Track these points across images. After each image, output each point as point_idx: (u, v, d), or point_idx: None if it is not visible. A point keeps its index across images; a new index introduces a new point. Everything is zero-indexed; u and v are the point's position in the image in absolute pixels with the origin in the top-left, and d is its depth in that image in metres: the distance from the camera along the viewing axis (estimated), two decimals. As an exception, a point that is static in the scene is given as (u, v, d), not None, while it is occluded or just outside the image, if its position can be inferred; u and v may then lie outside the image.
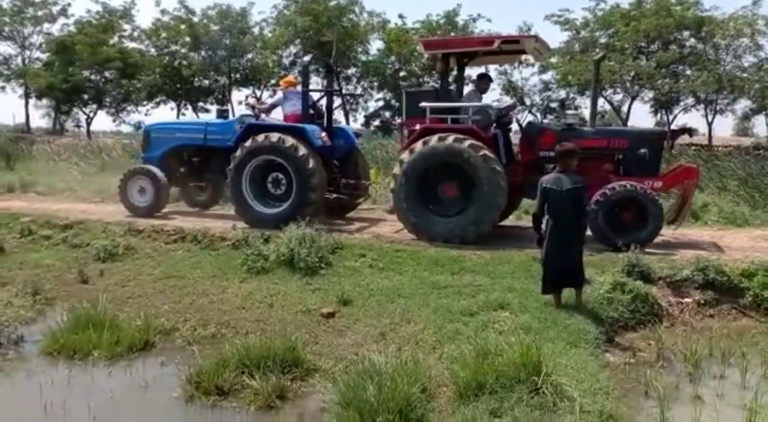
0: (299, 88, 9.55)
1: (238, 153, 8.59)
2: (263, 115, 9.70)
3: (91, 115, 35.46)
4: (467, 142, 7.47)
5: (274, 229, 7.86)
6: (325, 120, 9.60)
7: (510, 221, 9.82)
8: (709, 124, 30.39)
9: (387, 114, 34.42)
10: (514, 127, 8.81)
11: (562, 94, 30.27)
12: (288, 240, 7.20)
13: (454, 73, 8.73)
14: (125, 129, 36.54)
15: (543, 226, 5.75)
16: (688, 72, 27.38)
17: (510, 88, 31.06)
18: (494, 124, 8.35)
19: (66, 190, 13.56)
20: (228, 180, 8.73)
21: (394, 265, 7.00)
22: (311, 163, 8.31)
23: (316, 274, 6.89)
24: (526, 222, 8.88)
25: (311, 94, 9.69)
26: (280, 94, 9.92)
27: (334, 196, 9.19)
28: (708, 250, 7.28)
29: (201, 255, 7.78)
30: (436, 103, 8.01)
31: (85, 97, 33.67)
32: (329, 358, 5.27)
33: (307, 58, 9.62)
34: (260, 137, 8.47)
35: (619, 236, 7.10)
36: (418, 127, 8.03)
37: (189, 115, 34.36)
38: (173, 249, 8.07)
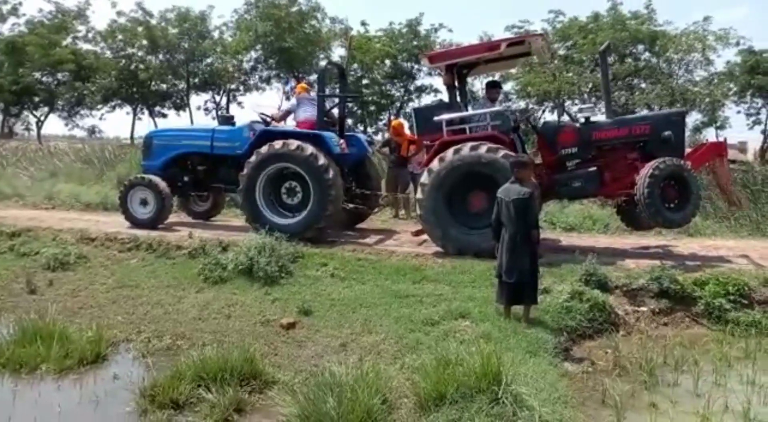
0: (312, 93, 9.26)
1: (253, 159, 8.22)
2: (275, 122, 9.38)
3: (42, 118, 34.41)
4: (488, 148, 7.30)
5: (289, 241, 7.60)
6: (338, 127, 9.29)
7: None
8: (663, 136, 31.39)
9: (350, 121, 34.36)
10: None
11: (522, 104, 30.78)
12: (247, 249, 7.09)
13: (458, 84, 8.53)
14: (78, 133, 35.57)
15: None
16: (643, 85, 28.24)
17: (471, 99, 31.46)
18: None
19: (14, 195, 13.09)
20: (240, 187, 8.36)
21: (355, 274, 6.96)
22: (331, 173, 8.00)
23: (276, 284, 6.80)
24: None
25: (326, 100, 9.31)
26: (293, 101, 9.62)
27: (351, 206, 8.92)
28: (662, 260, 7.46)
29: (156, 265, 7.60)
30: (451, 115, 7.84)
31: (36, 99, 32.65)
32: (288, 370, 5.17)
33: (323, 63, 9.38)
34: (277, 144, 8.12)
35: (672, 212, 7.13)
36: (429, 142, 7.89)
37: (145, 120, 33.70)
38: (127, 258, 7.86)
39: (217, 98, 34.47)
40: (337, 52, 33.31)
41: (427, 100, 32.47)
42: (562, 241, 8.85)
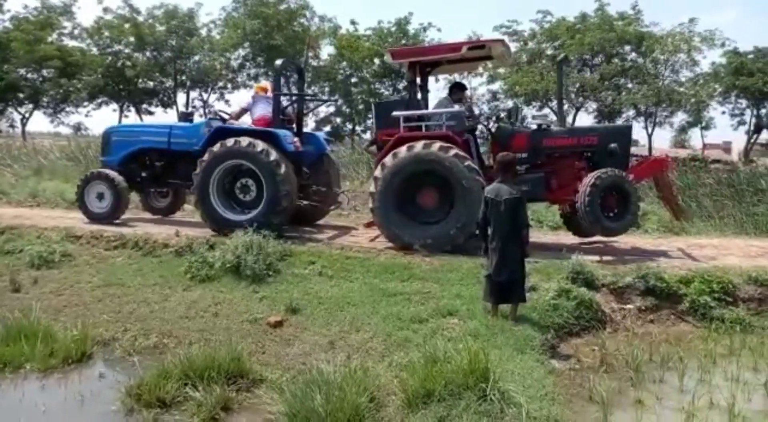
0: (270, 94, 9.30)
1: (206, 157, 8.27)
2: (231, 120, 9.41)
3: (27, 115, 33.99)
4: (441, 146, 7.44)
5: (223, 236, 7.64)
6: (295, 125, 9.36)
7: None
8: (649, 136, 31.67)
9: (338, 120, 34.34)
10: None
11: (510, 103, 30.88)
12: (234, 247, 7.04)
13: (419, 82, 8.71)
14: (64, 130, 35.21)
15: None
16: (630, 85, 28.47)
17: (471, 98, 31.52)
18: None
19: (-2, 193, 12.92)
20: (194, 185, 8.38)
21: (343, 273, 6.94)
22: (283, 169, 8.05)
23: (263, 282, 6.76)
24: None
25: (282, 98, 9.36)
26: (249, 99, 9.69)
27: (305, 203, 8.97)
28: (649, 258, 7.52)
29: (142, 263, 7.53)
30: (410, 111, 7.98)
31: (21, 96, 32.24)
32: (276, 368, 5.15)
33: (279, 62, 9.40)
34: (230, 141, 8.16)
35: (611, 221, 7.36)
36: (386, 137, 7.97)
37: (132, 117, 33.43)
38: (113, 256, 7.79)
39: (205, 96, 34.25)
40: (326, 51, 33.31)
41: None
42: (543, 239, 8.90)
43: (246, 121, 9.57)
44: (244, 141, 8.13)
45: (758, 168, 18.26)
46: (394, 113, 7.98)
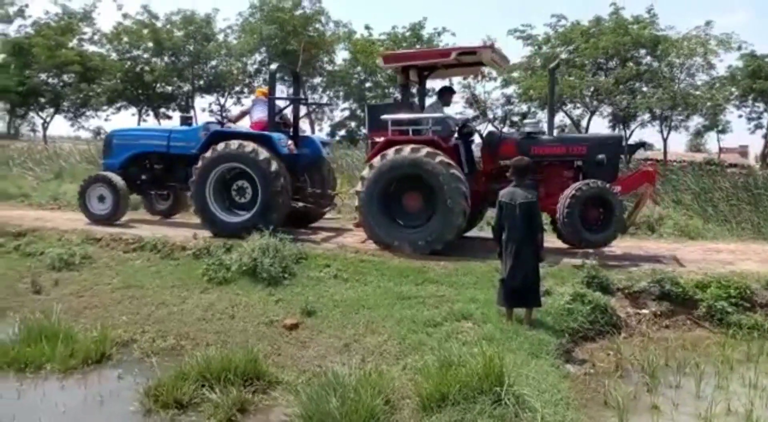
0: None
1: (203, 160, 8.46)
2: (230, 123, 9.62)
3: (48, 119, 34.45)
4: (427, 152, 7.54)
5: (238, 239, 7.74)
6: (292, 128, 9.55)
7: (473, 232, 9.91)
8: (664, 140, 31.35)
9: (353, 124, 34.42)
10: (477, 138, 8.94)
11: (524, 107, 30.75)
12: (251, 250, 7.11)
13: (418, 86, 8.82)
14: (84, 134, 35.63)
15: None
16: (645, 89, 28.19)
17: (473, 102, 31.45)
18: (455, 135, 8.46)
19: (20, 196, 13.15)
20: (191, 187, 8.57)
21: (358, 276, 6.97)
22: (276, 171, 8.21)
23: (279, 285, 6.82)
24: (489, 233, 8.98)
25: (278, 102, 9.62)
26: (249, 103, 9.86)
27: (300, 204, 9.11)
28: (664, 262, 7.47)
29: (161, 265, 7.63)
30: (397, 116, 8.08)
31: (42, 100, 32.70)
32: (292, 370, 5.20)
33: (273, 66, 9.60)
34: (225, 144, 8.35)
35: (591, 234, 7.33)
36: (381, 139, 8.08)
37: (151, 121, 33.76)
38: (132, 259, 7.89)
39: (222, 100, 34.50)
40: (341, 55, 33.45)
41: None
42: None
43: (246, 124, 9.75)
44: (239, 144, 8.29)
45: (776, 172, 18.02)
46: (383, 117, 8.07)
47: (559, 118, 30.07)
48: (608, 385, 4.81)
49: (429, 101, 9.29)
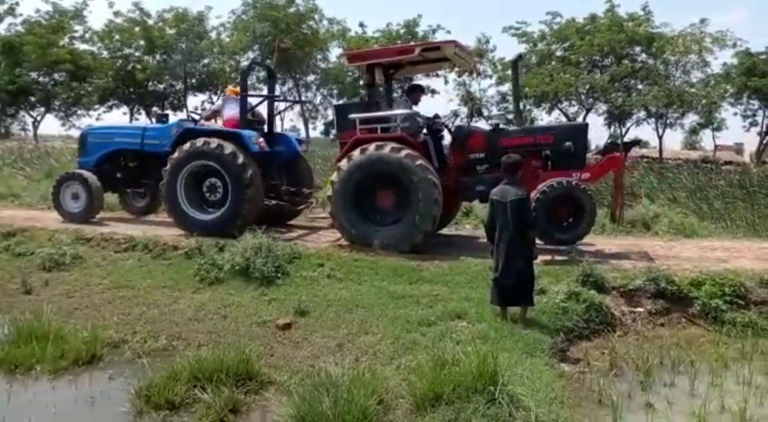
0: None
1: (174, 157, 8.45)
2: (203, 121, 9.60)
3: (39, 118, 34.27)
4: (392, 148, 7.53)
5: (209, 236, 7.76)
6: (266, 126, 9.54)
7: (467, 231, 9.90)
8: (660, 138, 31.48)
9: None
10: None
11: (519, 105, 30.80)
12: (243, 250, 7.06)
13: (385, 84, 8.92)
14: (75, 133, 35.43)
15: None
16: (640, 86, 28.30)
17: (468, 99, 31.47)
18: (424, 131, 8.45)
19: (10, 195, 13.06)
20: (162, 185, 8.55)
21: (352, 275, 6.94)
22: (247, 169, 8.21)
23: (272, 284, 6.77)
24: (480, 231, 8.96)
25: (250, 99, 9.59)
26: (220, 101, 9.85)
27: (273, 202, 9.08)
28: (659, 260, 7.46)
29: (152, 265, 7.57)
30: (364, 114, 8.06)
31: (33, 99, 32.52)
32: (285, 371, 5.15)
33: (245, 63, 9.64)
34: (196, 142, 8.35)
35: (561, 232, 7.35)
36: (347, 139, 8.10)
37: (142, 121, 33.62)
38: (123, 259, 7.83)
39: (215, 99, 34.39)
40: (335, 53, 33.37)
41: (424, 100, 32.48)
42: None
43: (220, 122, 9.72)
44: (210, 141, 8.28)
45: (770, 169, 18.08)
46: (351, 116, 8.06)
47: (555, 115, 30.15)
48: (603, 384, 4.78)
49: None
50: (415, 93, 9.09)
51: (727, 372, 5.16)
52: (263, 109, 9.77)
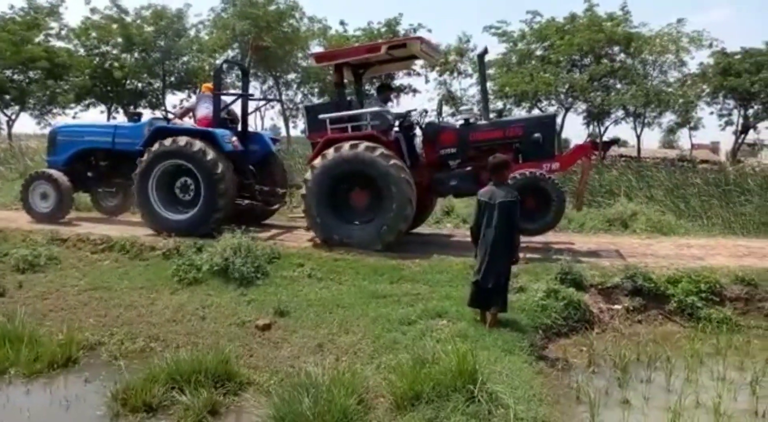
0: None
1: (145, 157, 8.37)
2: (176, 119, 9.50)
3: (13, 116, 33.60)
4: (366, 146, 7.54)
5: (186, 236, 7.76)
6: (239, 125, 9.47)
7: (448, 229, 9.91)
8: (638, 137, 31.84)
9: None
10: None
11: (500, 104, 30.96)
12: (222, 250, 7.01)
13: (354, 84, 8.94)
14: (50, 132, 34.78)
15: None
16: (618, 86, 28.57)
17: (449, 99, 31.54)
18: (395, 129, 8.48)
19: (-17, 196, 12.79)
20: (134, 184, 8.47)
21: (333, 275, 6.92)
22: (219, 168, 8.16)
23: (251, 285, 6.73)
24: (464, 230, 8.99)
25: (224, 98, 9.51)
26: (193, 99, 9.76)
27: (247, 202, 9.03)
28: (637, 258, 7.55)
29: (129, 266, 7.49)
30: (334, 114, 8.05)
31: (7, 97, 31.86)
32: (264, 371, 5.12)
33: (219, 61, 9.59)
34: (167, 141, 8.28)
35: (529, 222, 7.37)
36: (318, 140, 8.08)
37: (120, 119, 33.16)
38: (100, 260, 7.73)
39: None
40: (315, 51, 33.20)
41: (406, 100, 32.53)
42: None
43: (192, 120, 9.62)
44: (181, 140, 8.23)
45: (745, 168, 18.42)
46: (321, 116, 8.05)
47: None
48: (581, 381, 4.84)
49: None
50: (384, 93, 9.15)
51: (702, 368, 5.25)
52: (237, 108, 9.68)
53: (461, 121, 8.41)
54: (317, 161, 7.78)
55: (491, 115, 8.95)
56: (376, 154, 7.47)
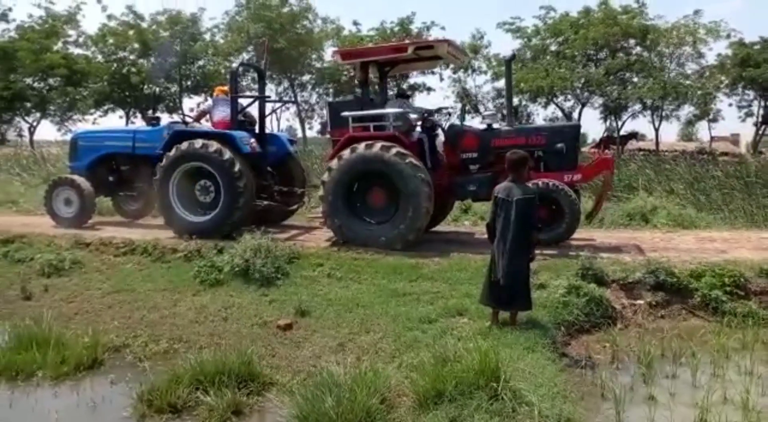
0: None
1: (165, 160, 8.44)
2: (193, 123, 9.59)
3: (35, 124, 34.13)
4: (382, 146, 7.52)
5: (207, 238, 7.81)
6: (257, 126, 9.52)
7: (466, 227, 9.88)
8: (656, 130, 31.48)
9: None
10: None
11: (516, 100, 30.79)
12: (243, 251, 7.06)
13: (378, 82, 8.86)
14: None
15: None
16: (635, 79, 28.28)
17: (464, 96, 31.45)
18: (418, 129, 8.44)
19: (7, 202, 13.03)
20: (155, 188, 8.55)
21: (352, 274, 6.94)
22: (238, 169, 8.21)
23: (272, 285, 6.77)
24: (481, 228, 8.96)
25: (241, 100, 9.57)
26: (209, 102, 9.83)
27: (266, 203, 9.08)
28: (658, 252, 7.46)
29: (152, 268, 7.57)
30: (356, 112, 8.04)
31: (28, 105, 32.38)
32: (286, 371, 5.15)
33: (235, 64, 9.61)
34: (186, 144, 8.34)
35: (540, 232, 7.21)
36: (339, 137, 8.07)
37: (138, 124, 33.52)
38: (123, 263, 7.83)
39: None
40: (329, 52, 33.29)
41: (420, 98, 32.47)
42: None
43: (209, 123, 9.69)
44: (200, 143, 8.27)
45: (767, 160, 18.12)
46: (343, 113, 8.04)
47: (551, 110, 30.13)
48: (605, 377, 4.79)
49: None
50: (401, 99, 9.12)
51: (728, 363, 5.17)
52: (253, 110, 9.75)
53: (484, 126, 8.32)
54: (334, 161, 7.80)
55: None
56: (391, 153, 7.46)
